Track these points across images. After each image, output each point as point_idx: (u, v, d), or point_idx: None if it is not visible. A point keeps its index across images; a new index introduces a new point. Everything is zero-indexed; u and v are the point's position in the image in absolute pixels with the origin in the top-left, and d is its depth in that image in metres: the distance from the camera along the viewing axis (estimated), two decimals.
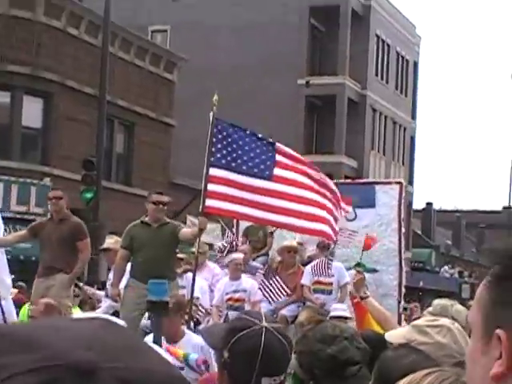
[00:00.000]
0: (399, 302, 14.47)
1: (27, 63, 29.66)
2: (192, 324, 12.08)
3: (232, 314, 12.73)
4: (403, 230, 14.86)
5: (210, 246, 16.58)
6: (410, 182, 61.85)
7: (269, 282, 13.63)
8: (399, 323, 12.92)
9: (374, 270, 14.09)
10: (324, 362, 4.31)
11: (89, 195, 24.18)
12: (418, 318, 14.87)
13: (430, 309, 7.47)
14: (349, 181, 17.11)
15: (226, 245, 15.39)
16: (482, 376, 1.54)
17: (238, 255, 14.09)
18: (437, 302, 7.61)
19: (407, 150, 62.31)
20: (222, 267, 14.87)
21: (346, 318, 11.26)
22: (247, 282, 13.77)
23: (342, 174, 49.69)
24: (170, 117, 36.95)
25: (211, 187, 11.54)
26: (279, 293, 13.62)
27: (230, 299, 13.57)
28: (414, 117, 64.25)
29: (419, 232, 66.16)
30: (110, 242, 13.81)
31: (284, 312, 13.78)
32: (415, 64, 63.91)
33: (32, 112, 30.29)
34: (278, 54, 48.94)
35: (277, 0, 50.20)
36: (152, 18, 49.15)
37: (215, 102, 11.98)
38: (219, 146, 11.79)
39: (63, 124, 30.39)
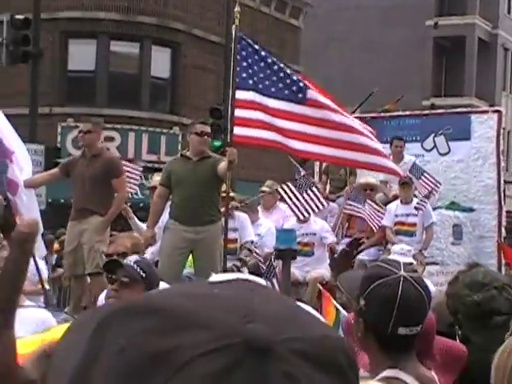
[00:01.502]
0: (499, 246, 13.33)
1: (155, 13, 29.83)
2: (246, 269, 11.35)
3: (299, 261, 12.05)
4: (503, 163, 13.90)
5: None
6: None
7: (369, 212, 12.68)
8: (499, 269, 12.37)
9: (471, 210, 13.33)
10: (468, 308, 4.29)
11: (217, 143, 24.15)
12: None
13: None
14: (441, 111, 15.54)
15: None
16: None
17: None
18: None
19: None
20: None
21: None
22: (316, 223, 12.76)
23: None
24: (296, 63, 36.73)
25: (239, 113, 10.22)
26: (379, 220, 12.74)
27: (298, 243, 12.01)
28: None
29: None
30: (157, 179, 12.36)
31: (362, 257, 12.93)
32: None
33: (160, 62, 30.53)
34: None
35: None
36: None
37: (237, 14, 10.76)
38: (244, 64, 10.44)
39: (190, 73, 30.57)
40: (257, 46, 10.65)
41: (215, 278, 0.95)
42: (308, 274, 11.87)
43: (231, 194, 11.80)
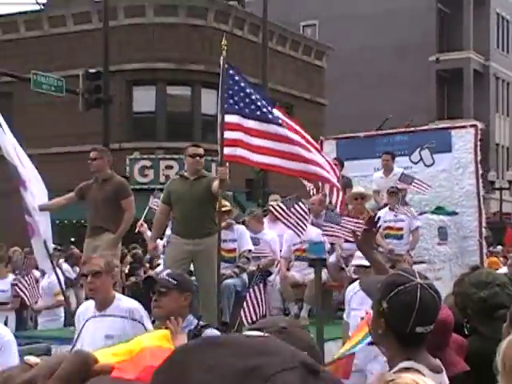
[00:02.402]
0: (481, 245, 13.00)
1: (203, 61, 29.98)
2: (245, 275, 10.92)
3: (299, 265, 11.79)
4: (480, 171, 13.45)
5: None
6: None
7: (344, 226, 11.63)
8: (481, 263, 12.04)
9: (454, 213, 13.02)
10: (476, 303, 4.29)
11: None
12: None
13: None
14: (426, 127, 15.60)
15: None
16: None
17: (313, 198, 12.55)
18: None
19: None
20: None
21: (365, 266, 9.10)
22: (312, 231, 11.88)
23: None
24: (322, 97, 36.85)
25: (228, 135, 9.38)
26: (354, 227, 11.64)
27: (297, 250, 11.89)
28: None
29: None
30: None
31: (354, 262, 12.25)
32: None
33: (208, 101, 30.57)
34: (411, 36, 48.32)
35: None
36: (302, 15, 48.98)
37: (224, 46, 9.82)
38: (231, 91, 9.68)
39: None
40: (241, 76, 10.03)
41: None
42: (307, 277, 11.25)
43: (229, 208, 11.40)
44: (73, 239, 21.28)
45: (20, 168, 10.96)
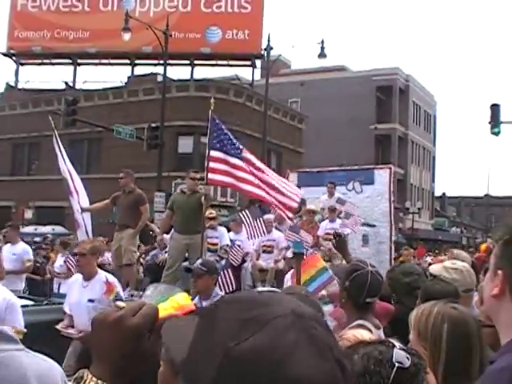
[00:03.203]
0: (391, 248, 12.59)
1: (225, 122, 30.02)
2: (228, 262, 10.32)
3: (264, 256, 11.46)
4: (392, 198, 13.02)
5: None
6: (433, 180, 61.17)
7: (299, 234, 11.72)
8: (391, 260, 12.00)
9: (374, 226, 12.63)
10: (402, 285, 4.29)
11: None
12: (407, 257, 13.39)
13: (454, 253, 6.97)
14: (357, 167, 14.64)
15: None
16: (488, 295, 1.55)
17: (269, 216, 11.95)
18: (455, 250, 7.25)
19: (431, 163, 61.15)
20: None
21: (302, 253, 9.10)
22: (276, 234, 11.61)
23: (395, 178, 49.88)
24: (300, 147, 36.80)
25: (211, 165, 9.01)
26: (308, 239, 11.75)
27: (264, 245, 11.61)
28: (434, 144, 62.71)
29: (439, 209, 64.96)
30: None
31: (287, 254, 11.50)
32: (435, 116, 62.55)
33: None
34: (359, 112, 48.91)
35: (358, 84, 49.99)
36: (290, 94, 49.21)
37: (212, 103, 9.44)
38: (215, 134, 9.20)
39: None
40: (223, 126, 9.46)
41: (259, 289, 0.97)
42: (269, 265, 11.16)
43: (214, 215, 11.10)
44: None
45: (69, 182, 10.83)
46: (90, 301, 5.97)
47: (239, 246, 11.27)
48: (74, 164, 11.75)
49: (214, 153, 9.09)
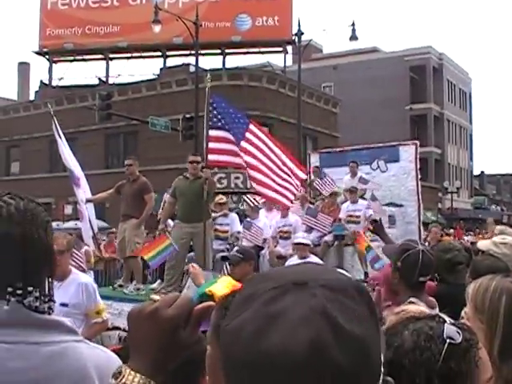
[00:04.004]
0: (419, 228, 12.14)
1: (258, 109, 29.84)
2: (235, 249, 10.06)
3: (281, 243, 10.99)
4: (419, 176, 12.47)
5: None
6: (471, 158, 60.31)
7: (316, 218, 11.16)
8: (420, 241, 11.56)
9: (401, 205, 12.17)
10: (444, 262, 4.34)
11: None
12: (441, 236, 12.91)
13: (496, 231, 6.82)
14: (381, 144, 13.77)
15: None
16: None
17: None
18: (498, 227, 7.17)
19: (468, 142, 60.25)
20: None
21: (304, 244, 8.87)
22: (293, 218, 11.17)
23: (432, 158, 49.33)
24: (336, 132, 36.49)
25: (211, 145, 8.33)
26: (326, 223, 11.16)
27: (280, 231, 11.14)
28: (471, 122, 61.66)
29: (478, 187, 64.05)
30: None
31: (326, 238, 11.30)
32: (470, 94, 61.48)
33: None
34: (393, 93, 48.43)
35: (391, 65, 49.38)
36: (323, 79, 48.79)
37: (209, 80, 8.59)
38: (215, 112, 8.49)
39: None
40: (223, 103, 8.71)
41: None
42: (288, 251, 10.49)
43: (224, 201, 10.59)
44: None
45: (75, 173, 10.65)
46: (63, 305, 4.88)
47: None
48: (112, 158, 11.79)
49: (213, 132, 8.42)
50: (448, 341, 1.38)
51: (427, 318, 1.50)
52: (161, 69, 35.17)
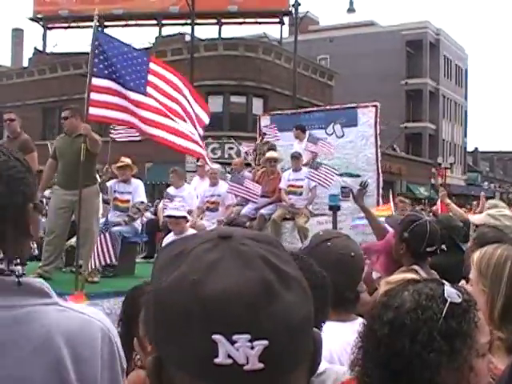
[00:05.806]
0: (378, 201, 10.42)
1: (254, 80, 29.67)
2: (138, 224, 8.56)
3: (208, 215, 9.88)
4: (379, 142, 10.99)
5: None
6: (465, 135, 60.36)
7: (244, 185, 9.56)
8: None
9: (358, 176, 10.49)
10: (458, 229, 4.40)
11: None
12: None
13: (488, 204, 6.70)
14: (337, 106, 12.60)
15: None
16: None
17: (216, 166, 10.40)
18: (489, 201, 6.92)
19: (463, 118, 60.25)
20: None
21: (176, 217, 7.33)
22: (223, 188, 9.87)
23: (427, 133, 49.38)
24: (331, 105, 36.38)
25: (94, 96, 6.55)
26: (255, 192, 9.62)
27: (207, 202, 9.96)
28: (466, 98, 61.55)
29: (471, 164, 64.14)
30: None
31: (263, 211, 9.89)
32: (466, 70, 61.24)
33: (257, 106, 30.34)
34: (389, 67, 48.30)
35: (388, 39, 49.20)
36: (319, 51, 48.70)
37: (96, 16, 6.67)
38: (101, 57, 6.67)
39: None
40: (112, 44, 6.80)
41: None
42: (213, 225, 8.94)
43: (125, 164, 8.60)
44: None
45: None
46: None
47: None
48: (106, 124, 10.84)
49: (97, 81, 6.71)
50: (449, 300, 1.41)
51: (426, 280, 1.54)
52: (156, 38, 34.84)
